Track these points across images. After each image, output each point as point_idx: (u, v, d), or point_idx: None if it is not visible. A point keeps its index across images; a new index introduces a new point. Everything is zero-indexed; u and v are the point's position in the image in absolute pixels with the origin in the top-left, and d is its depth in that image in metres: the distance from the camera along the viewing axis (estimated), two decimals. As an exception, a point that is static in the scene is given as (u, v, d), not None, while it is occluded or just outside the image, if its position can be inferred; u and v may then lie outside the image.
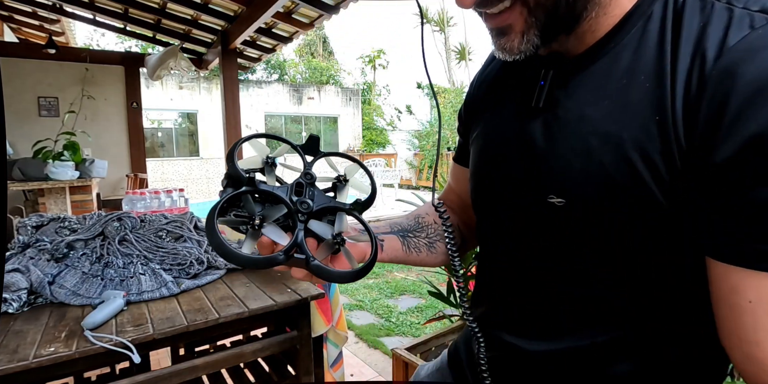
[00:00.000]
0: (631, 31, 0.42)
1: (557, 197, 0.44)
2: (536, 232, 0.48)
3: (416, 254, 0.60)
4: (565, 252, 0.46)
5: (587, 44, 0.44)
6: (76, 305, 1.10)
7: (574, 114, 0.43)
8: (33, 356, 0.84)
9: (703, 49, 0.36)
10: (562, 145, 0.44)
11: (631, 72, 0.41)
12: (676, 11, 0.40)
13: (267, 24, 4.42)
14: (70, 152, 3.68)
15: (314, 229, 0.44)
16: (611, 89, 0.41)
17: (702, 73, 0.36)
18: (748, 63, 0.33)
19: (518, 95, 0.50)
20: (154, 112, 12.50)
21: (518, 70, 0.53)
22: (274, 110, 14.50)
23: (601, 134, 0.41)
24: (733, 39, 0.35)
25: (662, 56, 0.39)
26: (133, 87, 5.69)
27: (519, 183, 0.49)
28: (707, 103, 0.35)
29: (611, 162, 0.40)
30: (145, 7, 4.36)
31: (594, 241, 0.43)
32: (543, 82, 0.46)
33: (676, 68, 0.37)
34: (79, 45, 8.78)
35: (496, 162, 0.52)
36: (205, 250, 1.36)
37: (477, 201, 0.58)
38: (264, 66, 19.15)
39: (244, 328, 1.80)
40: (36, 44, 5.78)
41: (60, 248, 1.22)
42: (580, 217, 0.43)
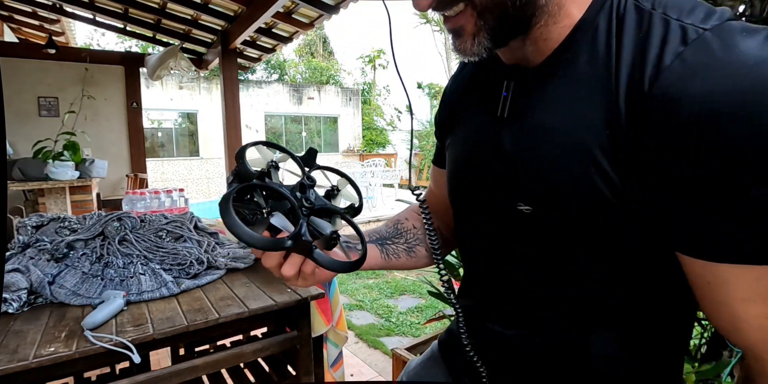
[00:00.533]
0: (582, 42, 0.43)
1: (525, 205, 0.46)
2: (510, 236, 0.51)
3: (395, 260, 0.63)
4: (535, 256, 0.49)
5: (544, 54, 0.46)
6: (76, 305, 1.10)
7: (537, 124, 0.46)
8: (33, 356, 0.84)
9: (642, 64, 0.38)
10: (528, 154, 0.46)
11: (585, 83, 0.42)
12: (618, 22, 0.41)
13: (267, 24, 4.42)
14: (70, 152, 3.68)
15: (315, 225, 0.48)
16: (568, 99, 0.43)
17: (642, 92, 0.37)
18: (687, 88, 0.35)
19: (488, 103, 0.52)
20: (154, 112, 12.50)
21: (486, 80, 0.54)
22: (274, 110, 14.50)
23: (561, 145, 0.43)
24: (669, 57, 0.36)
25: (609, 68, 0.40)
26: (133, 87, 5.69)
27: (493, 188, 0.51)
28: (651, 125, 0.37)
29: (569, 171, 0.42)
30: (145, 7, 4.36)
31: (560, 246, 0.46)
32: (506, 93, 0.48)
33: (619, 83, 0.39)
34: (79, 45, 8.78)
35: (473, 165, 0.54)
36: (205, 250, 1.36)
37: (455, 203, 0.60)
38: (264, 66, 19.14)
39: (244, 328, 1.80)
40: (36, 44, 5.78)
41: (60, 248, 1.22)
42: (546, 224, 0.46)
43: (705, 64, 0.34)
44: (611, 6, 0.42)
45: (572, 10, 0.43)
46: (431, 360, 0.73)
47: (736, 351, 0.99)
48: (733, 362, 1.00)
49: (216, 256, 1.36)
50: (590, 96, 0.41)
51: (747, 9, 1.01)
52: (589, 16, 0.43)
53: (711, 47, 0.35)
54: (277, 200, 0.47)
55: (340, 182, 0.56)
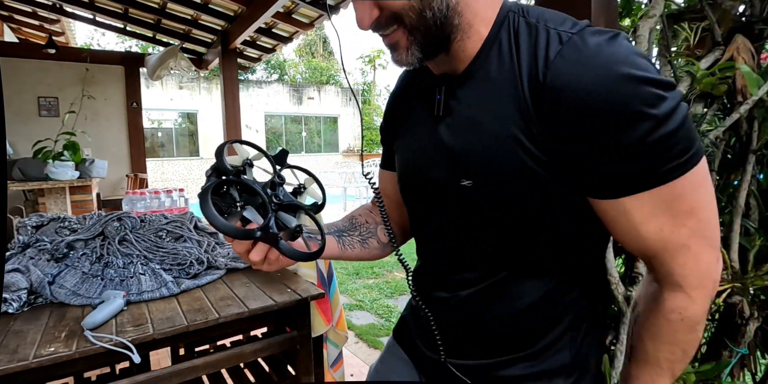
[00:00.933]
0: (491, 53, 0.56)
1: (467, 180, 0.57)
2: (457, 211, 0.61)
3: (351, 250, 0.72)
4: (477, 223, 0.60)
5: (464, 64, 0.58)
6: (76, 305, 1.10)
7: (466, 117, 0.58)
8: (33, 356, 0.84)
9: (536, 61, 0.51)
10: (463, 140, 0.58)
11: (497, 82, 0.54)
12: (514, 35, 0.54)
13: (267, 24, 4.42)
14: (70, 152, 3.68)
15: (281, 219, 0.55)
16: (488, 95, 0.55)
17: (538, 82, 0.50)
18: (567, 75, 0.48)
19: (425, 107, 0.64)
20: (154, 112, 12.50)
21: (422, 89, 0.66)
22: (274, 110, 14.50)
23: (488, 131, 0.55)
24: (552, 55, 0.49)
25: (513, 69, 0.53)
26: (133, 87, 5.69)
27: (440, 171, 0.61)
28: (548, 106, 0.50)
29: (498, 148, 0.54)
30: (145, 7, 4.36)
31: (498, 211, 0.57)
32: (439, 96, 0.60)
33: (522, 78, 0.52)
34: (79, 45, 8.78)
35: (421, 156, 0.65)
36: (205, 250, 1.36)
37: (408, 191, 0.70)
38: (264, 66, 19.15)
39: (244, 328, 1.80)
40: (36, 44, 5.78)
41: (60, 248, 1.22)
42: (485, 194, 0.57)
43: (575, 58, 0.48)
44: (509, 23, 0.56)
45: (480, 28, 0.56)
46: (388, 353, 0.81)
47: (737, 351, 0.99)
48: (733, 362, 1.00)
49: (216, 256, 1.36)
50: (503, 92, 0.54)
51: (747, 9, 1.01)
52: (493, 32, 0.56)
53: (578, 46, 0.48)
54: (250, 195, 0.54)
55: (307, 181, 0.64)
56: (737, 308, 0.97)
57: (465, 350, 0.65)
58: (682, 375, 0.95)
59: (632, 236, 0.52)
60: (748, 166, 1.01)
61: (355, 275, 4.17)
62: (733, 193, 1.06)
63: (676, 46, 1.10)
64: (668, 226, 0.50)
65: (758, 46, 0.99)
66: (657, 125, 0.45)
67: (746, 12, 1.02)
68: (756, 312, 0.97)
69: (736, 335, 0.99)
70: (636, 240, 0.53)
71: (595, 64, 0.47)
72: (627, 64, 0.46)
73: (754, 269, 0.99)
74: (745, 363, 1.04)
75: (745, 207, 1.02)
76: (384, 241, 0.77)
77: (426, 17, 0.53)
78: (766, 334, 1.04)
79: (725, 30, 1.00)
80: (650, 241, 0.51)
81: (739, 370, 1.04)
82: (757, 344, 1.04)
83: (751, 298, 0.98)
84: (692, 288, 0.52)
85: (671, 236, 0.50)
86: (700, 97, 1.00)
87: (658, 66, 1.06)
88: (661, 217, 0.49)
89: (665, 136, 0.45)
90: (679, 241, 0.51)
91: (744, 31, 0.99)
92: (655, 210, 0.49)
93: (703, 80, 0.96)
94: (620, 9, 1.17)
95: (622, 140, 0.46)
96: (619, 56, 0.47)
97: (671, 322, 0.54)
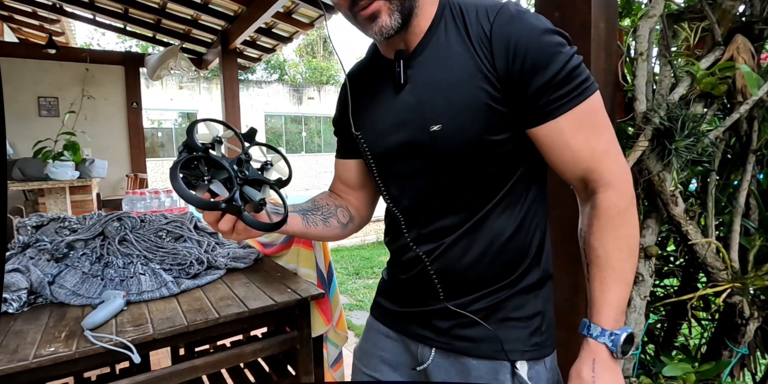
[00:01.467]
0: (438, 28, 0.68)
1: (435, 125, 0.66)
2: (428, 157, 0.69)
3: (314, 227, 0.78)
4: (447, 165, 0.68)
5: (417, 38, 0.69)
6: (76, 305, 1.10)
7: (427, 77, 0.67)
8: (33, 356, 0.84)
9: (481, 25, 0.64)
10: (427, 96, 0.67)
11: (447, 46, 0.66)
12: (459, 12, 0.67)
13: (267, 24, 4.42)
14: (70, 152, 3.67)
15: (246, 193, 0.60)
16: (442, 58, 0.66)
17: (486, 35, 0.63)
18: (504, 28, 0.62)
19: (385, 87, 0.73)
20: (154, 112, 12.50)
21: (377, 75, 0.76)
22: (274, 110, 14.50)
23: (447, 83, 0.65)
24: (492, 17, 0.63)
25: (460, 34, 0.66)
26: (133, 87, 5.68)
27: (410, 128, 0.69)
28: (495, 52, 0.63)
29: (461, 94, 0.64)
30: (145, 7, 4.36)
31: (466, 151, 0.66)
32: (398, 69, 0.69)
33: (470, 36, 0.65)
34: (79, 45, 8.78)
35: (390, 120, 0.72)
36: (205, 250, 1.36)
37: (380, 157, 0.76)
38: (264, 66, 19.15)
39: (244, 328, 1.80)
40: (36, 44, 5.78)
41: (60, 248, 1.22)
42: (455, 136, 0.65)
43: (509, 16, 0.63)
44: (450, 7, 0.68)
45: (428, 11, 0.68)
46: (371, 331, 0.87)
47: (737, 351, 0.99)
48: (733, 362, 1.00)
49: (216, 256, 1.36)
50: (454, 52, 0.65)
51: (747, 9, 1.01)
52: (438, 13, 0.68)
53: (508, 10, 0.63)
54: (218, 170, 0.59)
55: (275, 158, 0.69)
56: (737, 308, 0.97)
57: (455, 291, 0.72)
58: (682, 375, 0.95)
59: (568, 155, 0.64)
60: (748, 166, 1.01)
61: (355, 275, 4.17)
62: (733, 193, 1.06)
63: (676, 46, 1.10)
64: (592, 136, 0.63)
65: (758, 46, 0.99)
66: (568, 59, 0.61)
67: (746, 12, 1.02)
68: (756, 312, 0.97)
69: (736, 335, 0.99)
70: (570, 157, 0.64)
71: (522, 20, 0.62)
72: (540, 21, 0.63)
73: (754, 269, 0.99)
74: (745, 363, 1.04)
75: (745, 207, 1.02)
76: (343, 221, 0.84)
77: None
78: (766, 334, 1.04)
79: (725, 30, 1.00)
80: (581, 153, 0.63)
81: (739, 370, 1.04)
82: (757, 344, 1.04)
83: (751, 298, 0.98)
84: (619, 183, 0.64)
85: (596, 145, 0.63)
86: (700, 97, 1.00)
87: (658, 66, 1.06)
88: (586, 129, 0.63)
89: (574, 67, 0.61)
90: (601, 148, 0.63)
91: (744, 31, 0.99)
92: (581, 123, 0.62)
93: (703, 80, 0.96)
94: (620, 9, 1.17)
95: (550, 69, 0.60)
96: (537, 16, 0.64)
97: (611, 218, 0.64)
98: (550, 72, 0.61)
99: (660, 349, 1.10)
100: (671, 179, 0.97)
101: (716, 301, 0.98)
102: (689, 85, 1.00)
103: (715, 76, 0.96)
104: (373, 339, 0.85)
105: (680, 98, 1.00)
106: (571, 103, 0.62)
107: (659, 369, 0.98)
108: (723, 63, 0.96)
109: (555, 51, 0.61)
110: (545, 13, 0.98)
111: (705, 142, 0.95)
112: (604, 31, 0.94)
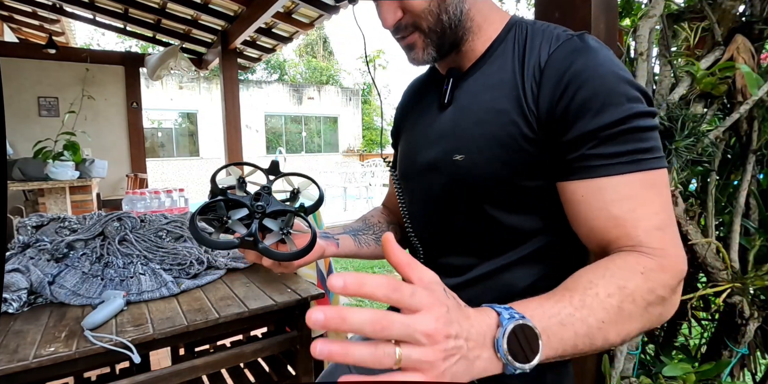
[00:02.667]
0: (498, 50, 0.63)
1: (459, 155, 0.62)
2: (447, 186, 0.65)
3: (366, 248, 0.77)
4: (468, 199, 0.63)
5: (471, 60, 0.66)
6: (76, 305, 1.10)
7: (468, 102, 0.64)
8: (33, 356, 0.84)
9: (540, 54, 0.58)
10: (463, 121, 0.63)
11: (500, 72, 0.62)
12: (524, 36, 0.62)
13: (267, 24, 4.42)
14: (70, 152, 3.67)
15: (267, 225, 0.62)
16: (490, 85, 0.62)
17: (540, 65, 0.57)
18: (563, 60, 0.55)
19: (430, 103, 0.71)
20: (154, 112, 12.49)
21: (429, 85, 0.75)
22: (274, 110, 14.49)
23: (487, 110, 0.61)
24: (554, 47, 0.57)
25: (514, 63, 0.61)
26: (133, 87, 5.68)
27: (434, 151, 0.67)
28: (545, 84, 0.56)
29: (493, 127, 0.60)
30: (145, 7, 4.36)
31: (487, 186, 0.61)
32: (446, 87, 0.67)
33: (525, 65, 0.59)
34: (79, 45, 8.78)
35: (421, 138, 0.71)
36: (205, 250, 1.36)
37: (402, 173, 0.75)
38: (264, 66, 19.14)
39: (244, 328, 1.80)
40: (36, 44, 5.77)
41: (60, 248, 1.22)
42: (474, 166, 0.61)
43: (572, 48, 0.55)
44: (516, 30, 0.63)
45: (489, 31, 0.64)
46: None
47: (737, 351, 0.99)
48: (733, 362, 1.00)
49: (216, 256, 1.36)
50: (503, 80, 0.61)
51: (747, 9, 1.01)
52: (501, 34, 0.64)
53: (576, 42, 0.56)
54: (238, 208, 0.61)
55: (303, 184, 0.69)
56: (737, 308, 0.97)
57: None
58: (682, 375, 0.95)
59: (602, 217, 0.52)
60: (748, 166, 1.01)
61: (355, 275, 4.18)
62: (733, 193, 1.06)
63: (676, 46, 1.10)
64: (641, 207, 0.51)
65: (758, 46, 0.99)
66: (634, 115, 0.51)
67: (746, 12, 1.02)
68: (756, 312, 0.97)
69: (736, 335, 0.99)
70: (604, 220, 0.52)
71: (591, 54, 0.54)
72: (619, 66, 0.54)
73: (754, 269, 0.99)
74: (745, 363, 1.04)
75: (745, 207, 1.02)
76: (397, 239, 0.79)
77: (442, 20, 0.60)
78: (766, 334, 1.04)
79: (725, 30, 1.00)
80: (622, 220, 0.51)
81: (739, 370, 1.04)
82: (757, 344, 1.04)
83: (751, 298, 0.98)
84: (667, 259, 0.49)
85: (646, 218, 0.51)
86: (700, 97, 1.00)
87: (658, 66, 1.06)
88: (637, 200, 0.51)
89: (641, 128, 0.52)
90: (653, 224, 0.51)
91: (744, 31, 0.99)
92: (631, 192, 0.51)
93: (703, 80, 0.96)
94: (620, 9, 1.17)
95: (603, 115, 0.52)
96: (614, 58, 0.55)
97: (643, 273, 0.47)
98: (602, 120, 0.51)
99: (660, 349, 1.10)
100: (671, 179, 0.97)
101: (716, 301, 0.98)
102: (689, 85, 1.00)
103: (715, 76, 0.96)
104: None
105: (680, 98, 1.00)
106: (621, 167, 0.51)
107: (659, 369, 0.98)
108: (723, 63, 0.96)
109: (619, 101, 0.51)
110: (545, 13, 0.98)
111: (705, 142, 0.95)
112: (604, 31, 0.94)
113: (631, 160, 0.51)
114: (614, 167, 0.52)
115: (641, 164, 0.51)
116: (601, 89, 0.52)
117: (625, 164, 0.51)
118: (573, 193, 0.55)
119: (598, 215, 0.53)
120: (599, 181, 0.52)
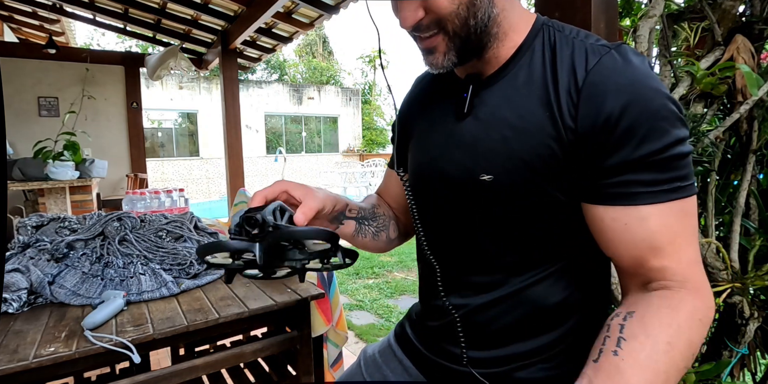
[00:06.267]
0: (522, 58, 0.59)
1: (487, 175, 0.59)
2: (473, 206, 0.62)
3: (362, 239, 0.75)
4: (494, 218, 0.61)
5: (494, 67, 0.61)
6: (76, 305, 1.10)
7: (491, 115, 0.60)
8: (33, 356, 0.84)
9: (574, 70, 0.54)
10: (486, 137, 0.59)
11: (527, 85, 0.58)
12: (551, 45, 0.58)
13: (267, 24, 4.42)
14: (70, 152, 3.67)
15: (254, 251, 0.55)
16: (515, 97, 0.58)
17: (577, 84, 0.54)
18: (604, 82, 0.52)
19: (446, 107, 0.66)
20: (154, 112, 12.49)
21: (445, 89, 0.69)
22: (274, 110, 14.49)
23: (512, 128, 0.57)
24: (591, 63, 0.54)
25: (545, 74, 0.57)
26: (133, 87, 5.68)
27: (458, 166, 0.63)
28: (584, 106, 0.53)
29: (522, 147, 0.56)
30: (145, 7, 4.36)
31: (514, 206, 0.58)
32: (466, 95, 0.62)
33: (557, 81, 0.55)
34: (79, 45, 8.78)
35: (439, 153, 0.66)
36: (205, 250, 1.36)
37: (418, 189, 0.71)
38: (264, 66, 19.14)
39: (244, 328, 1.80)
40: (36, 44, 5.77)
41: (60, 248, 1.22)
42: (504, 188, 0.58)
43: (613, 66, 0.52)
44: (543, 35, 0.59)
45: (514, 37, 0.60)
46: (386, 348, 0.83)
47: (737, 351, 0.99)
48: (733, 362, 1.00)
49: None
50: (532, 94, 0.57)
51: (747, 9, 1.01)
52: (527, 41, 0.60)
53: (616, 58, 0.53)
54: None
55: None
56: (737, 308, 0.97)
57: (482, 349, 0.65)
58: (682, 375, 0.95)
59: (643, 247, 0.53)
60: (748, 166, 1.01)
61: (355, 275, 4.17)
62: (733, 193, 1.06)
63: (676, 46, 1.10)
64: (679, 237, 0.52)
65: (758, 46, 0.99)
66: (677, 141, 0.50)
67: (746, 12, 1.02)
68: (756, 312, 0.97)
69: (736, 335, 0.99)
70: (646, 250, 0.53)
71: (634, 73, 0.52)
72: (658, 81, 0.52)
73: (754, 269, 0.99)
74: (745, 363, 1.04)
75: (745, 207, 1.02)
76: (392, 236, 0.79)
77: (469, 25, 0.56)
78: (766, 334, 1.04)
79: (725, 30, 1.00)
80: (665, 252, 0.52)
81: (739, 370, 1.04)
82: (757, 344, 1.04)
83: (751, 298, 0.98)
84: (708, 296, 0.53)
85: (685, 249, 0.52)
86: (700, 97, 1.00)
87: (658, 66, 1.06)
88: (675, 228, 0.52)
89: (682, 155, 0.51)
90: (692, 258, 0.53)
91: (744, 31, 0.98)
92: (671, 221, 0.52)
93: (703, 80, 0.96)
94: (620, 9, 1.17)
95: (644, 145, 0.50)
96: (651, 72, 0.53)
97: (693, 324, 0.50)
98: (647, 148, 0.50)
99: (660, 349, 1.10)
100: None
101: (716, 301, 0.98)
102: (689, 85, 1.00)
103: (715, 76, 0.96)
104: (387, 358, 0.81)
105: (680, 98, 1.00)
106: (663, 196, 0.51)
107: (659, 369, 0.98)
108: (723, 63, 0.96)
109: (664, 128, 0.50)
110: (545, 13, 0.98)
111: (705, 142, 0.95)
112: (604, 31, 0.94)
113: (671, 189, 0.51)
114: (656, 195, 0.51)
115: (680, 192, 0.51)
116: (646, 115, 0.50)
117: (666, 192, 0.51)
118: (613, 220, 0.53)
119: (639, 245, 0.53)
120: (641, 210, 0.52)
